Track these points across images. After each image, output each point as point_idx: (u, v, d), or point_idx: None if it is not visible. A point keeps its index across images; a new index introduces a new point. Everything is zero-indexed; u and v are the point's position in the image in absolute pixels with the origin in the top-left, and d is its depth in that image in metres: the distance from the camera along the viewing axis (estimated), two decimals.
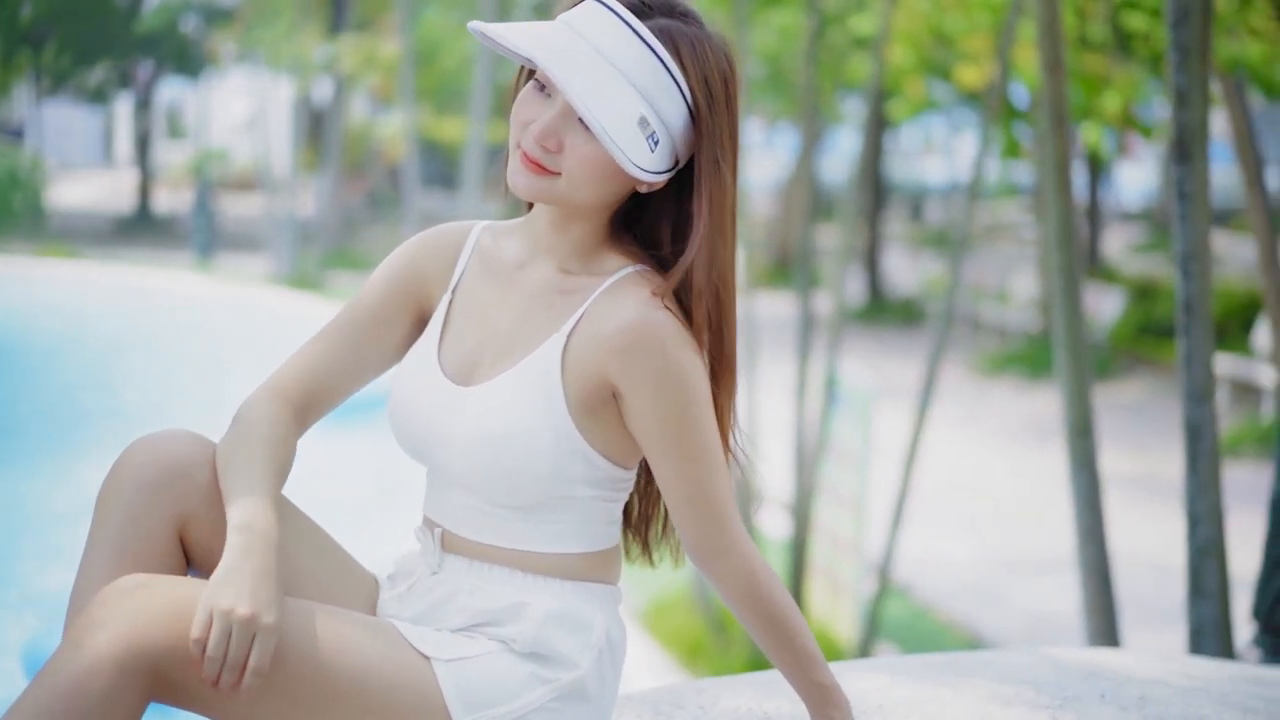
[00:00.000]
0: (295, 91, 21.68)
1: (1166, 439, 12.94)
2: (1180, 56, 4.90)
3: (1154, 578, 8.92)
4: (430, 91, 23.01)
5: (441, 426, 2.07)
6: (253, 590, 1.89)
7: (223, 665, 1.85)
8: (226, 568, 1.90)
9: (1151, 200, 30.19)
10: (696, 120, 2.02)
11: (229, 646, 1.86)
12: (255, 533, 1.93)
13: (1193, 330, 5.09)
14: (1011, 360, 16.78)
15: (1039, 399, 15.23)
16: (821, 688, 2.10)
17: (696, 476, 2.03)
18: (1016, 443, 13.36)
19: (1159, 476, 11.56)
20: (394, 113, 24.26)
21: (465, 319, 2.14)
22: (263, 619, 1.88)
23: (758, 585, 2.06)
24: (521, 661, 2.02)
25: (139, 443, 2.05)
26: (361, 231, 25.96)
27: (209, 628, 1.86)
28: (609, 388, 2.02)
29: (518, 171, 2.03)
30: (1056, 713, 2.40)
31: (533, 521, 2.06)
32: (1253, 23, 10.52)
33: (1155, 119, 15.01)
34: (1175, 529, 9.76)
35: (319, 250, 21.72)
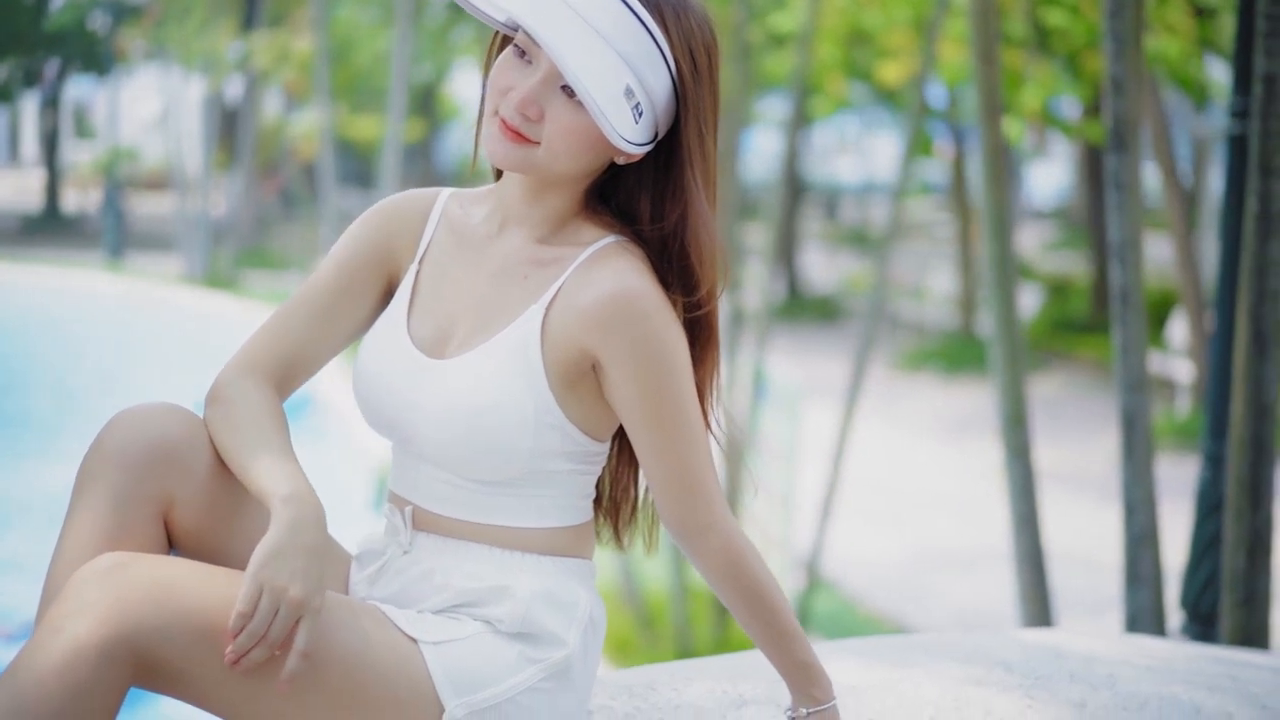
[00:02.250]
0: (207, 89, 21.41)
1: (1084, 433, 13.10)
2: (1117, 46, 4.92)
3: (1079, 569, 8.99)
4: (344, 89, 22.82)
5: (413, 399, 2.02)
6: (305, 570, 1.83)
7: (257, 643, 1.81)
8: (277, 542, 1.83)
9: (1064, 199, 30.53)
10: (680, 91, 1.98)
11: (271, 624, 1.81)
12: (306, 506, 1.87)
13: (1128, 319, 5.11)
14: (930, 357, 16.90)
15: (958, 395, 15.34)
16: (803, 666, 2.06)
17: (677, 450, 1.99)
18: (937, 438, 13.44)
19: (1079, 471, 11.67)
20: (306, 111, 24.04)
21: (434, 289, 2.09)
22: (313, 602, 1.83)
23: (740, 563, 2.03)
24: (509, 642, 1.97)
25: (124, 418, 1.97)
26: (275, 230, 25.71)
27: (256, 602, 1.80)
28: (589, 359, 1.98)
29: (495, 139, 1.98)
30: (1029, 691, 2.38)
31: (509, 496, 2.01)
32: (1170, 19, 10.66)
33: (1067, 117, 15.14)
34: (1098, 521, 9.88)
35: (232, 249, 21.48)
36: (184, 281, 20.51)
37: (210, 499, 1.98)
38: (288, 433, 1.99)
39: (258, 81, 22.21)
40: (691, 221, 1.99)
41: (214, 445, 2.00)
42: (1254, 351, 4.38)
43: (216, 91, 21.53)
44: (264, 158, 24.64)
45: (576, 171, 2.01)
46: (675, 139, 2.00)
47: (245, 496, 2.01)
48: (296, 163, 22.87)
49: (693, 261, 2.00)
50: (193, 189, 21.66)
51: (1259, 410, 4.39)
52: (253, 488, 1.92)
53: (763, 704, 2.27)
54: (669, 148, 2.01)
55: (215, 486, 1.98)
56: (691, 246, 2.00)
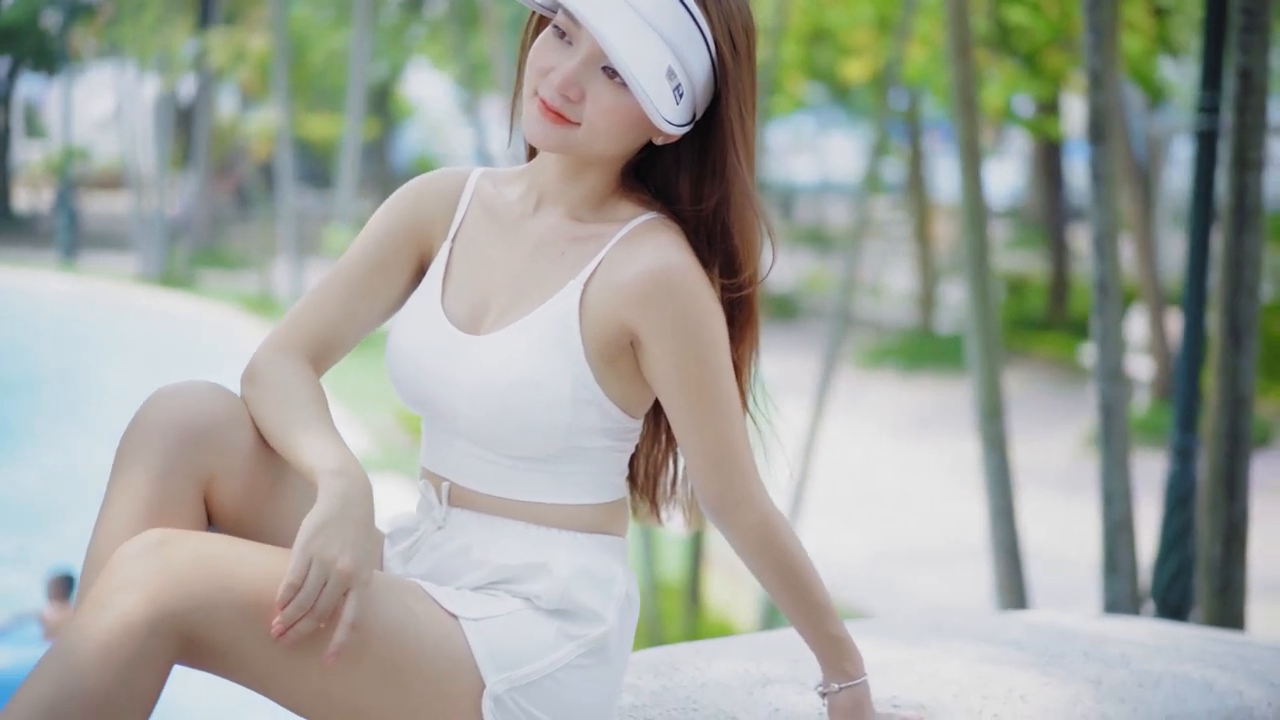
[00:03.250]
0: (161, 87, 21.27)
1: (1043, 429, 13.18)
2: (1095, 39, 4.96)
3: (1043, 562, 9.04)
4: (298, 88, 22.73)
5: (449, 375, 2.01)
6: (355, 543, 1.83)
7: (304, 615, 1.80)
8: (326, 514, 1.83)
9: (1018, 198, 30.71)
10: (720, 72, 1.98)
11: (319, 596, 1.80)
12: (354, 480, 1.87)
13: (1106, 309, 5.16)
14: (888, 354, 16.97)
15: (918, 392, 15.42)
16: (836, 641, 2.07)
17: (714, 425, 1.99)
18: (899, 435, 13.50)
19: (1039, 466, 11.73)
20: (261, 109, 23.93)
21: (468, 266, 2.08)
22: (361, 574, 1.83)
23: (775, 537, 2.03)
24: (548, 619, 1.97)
25: (163, 395, 1.96)
26: (230, 230, 25.56)
27: (306, 574, 1.80)
28: (628, 335, 1.98)
29: (535, 119, 1.98)
30: (1046, 669, 2.40)
31: (545, 473, 2.01)
32: (1130, 17, 10.75)
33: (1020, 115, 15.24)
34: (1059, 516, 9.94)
35: (188, 249, 21.35)
36: (140, 281, 20.37)
37: (249, 476, 1.97)
38: (328, 408, 1.99)
39: (212, 80, 22.09)
40: (735, 201, 2.00)
41: (253, 422, 1.99)
42: (1230, 344, 4.43)
43: (171, 90, 21.39)
44: (218, 156, 24.50)
45: (616, 152, 2.01)
46: (715, 119, 2.00)
47: (284, 474, 2.01)
48: (251, 161, 22.73)
49: (735, 242, 2.01)
50: (147, 188, 21.51)
51: (1235, 402, 4.43)
52: (299, 463, 1.92)
53: (786, 682, 2.28)
54: (707, 128, 2.01)
55: (255, 463, 1.98)
56: (735, 227, 2.00)
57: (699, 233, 2.01)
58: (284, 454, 1.95)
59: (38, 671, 1.75)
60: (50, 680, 1.73)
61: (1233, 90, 4.34)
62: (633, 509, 2.15)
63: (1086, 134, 5.04)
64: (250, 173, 22.29)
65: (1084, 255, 21.81)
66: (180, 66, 21.22)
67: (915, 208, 18.81)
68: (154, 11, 20.54)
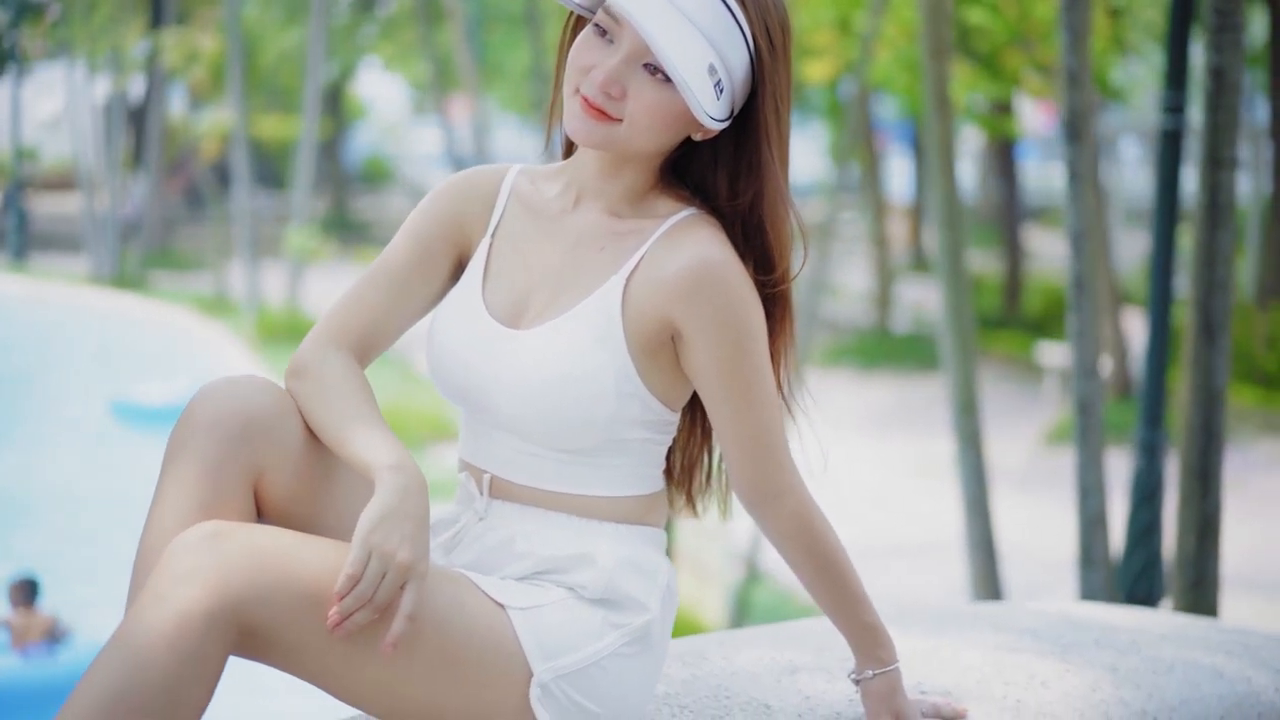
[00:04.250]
0: (113, 88, 21.10)
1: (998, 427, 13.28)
2: (1072, 38, 5.03)
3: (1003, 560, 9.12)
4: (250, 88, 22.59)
5: (492, 369, 2.04)
6: (413, 536, 1.85)
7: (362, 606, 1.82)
8: (385, 507, 1.85)
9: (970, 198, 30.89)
10: (758, 68, 2.01)
11: (378, 588, 1.82)
12: (411, 475, 1.89)
13: (1083, 306, 5.23)
14: (845, 353, 17.06)
15: (876, 390, 15.50)
16: (870, 628, 2.11)
17: (753, 417, 2.03)
18: (858, 433, 13.57)
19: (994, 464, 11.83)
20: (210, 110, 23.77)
21: (508, 262, 2.11)
22: (419, 567, 1.85)
23: (812, 528, 2.07)
24: (592, 608, 2.00)
25: (213, 389, 1.98)
26: (181, 230, 25.39)
27: (365, 566, 1.82)
28: (670, 329, 2.01)
29: (577, 117, 2.00)
30: (1063, 656, 2.44)
31: (587, 465, 2.04)
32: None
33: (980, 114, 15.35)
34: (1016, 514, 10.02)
35: (139, 250, 21.20)
36: (92, 282, 20.21)
37: (298, 470, 1.99)
38: (376, 402, 2.01)
39: (164, 80, 21.94)
40: (769, 198, 2.03)
41: (301, 417, 2.00)
42: (1203, 340, 4.48)
43: (122, 90, 21.24)
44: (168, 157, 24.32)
45: (656, 148, 2.03)
46: (752, 115, 2.03)
47: (332, 468, 2.03)
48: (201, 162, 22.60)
49: (769, 238, 2.04)
50: (99, 188, 21.35)
51: (1209, 397, 4.48)
52: (352, 458, 1.94)
53: (813, 670, 2.31)
54: (744, 124, 2.04)
55: (303, 457, 1.99)
56: (768, 223, 2.03)
57: (735, 228, 2.05)
58: (336, 449, 1.96)
59: (98, 663, 1.76)
60: (112, 672, 1.74)
61: (1206, 89, 4.39)
62: (670, 502, 2.18)
63: (1063, 133, 5.11)
64: (202, 173, 22.14)
65: (1038, 255, 22.04)
66: (132, 66, 21.06)
67: (871, 208, 18.90)
68: (105, 11, 20.39)
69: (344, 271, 18.46)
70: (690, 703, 2.17)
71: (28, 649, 6.75)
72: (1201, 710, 2.42)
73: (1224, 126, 4.38)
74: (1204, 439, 4.51)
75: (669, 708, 2.14)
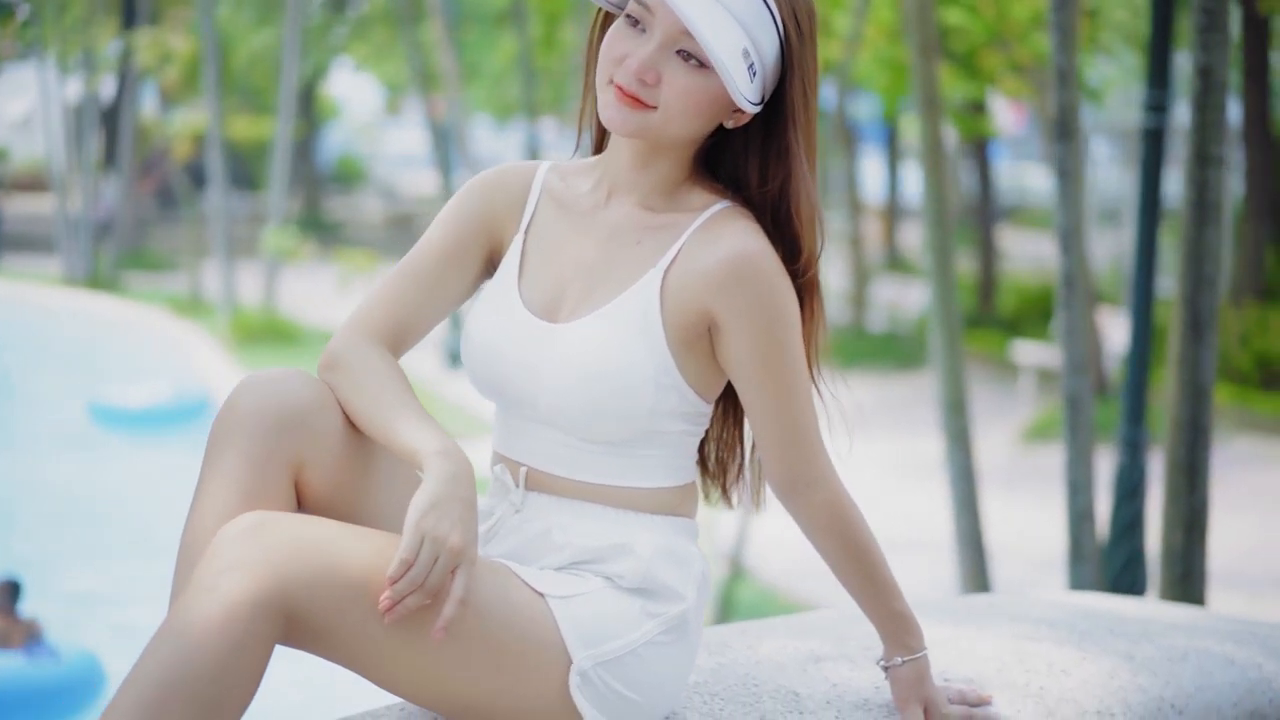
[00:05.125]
0: (86, 88, 21.02)
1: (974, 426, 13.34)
2: (1061, 38, 5.08)
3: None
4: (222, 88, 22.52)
5: (531, 362, 2.06)
6: (464, 520, 1.87)
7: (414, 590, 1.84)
8: (436, 493, 1.88)
9: None
10: (787, 53, 2.05)
11: (430, 572, 1.85)
12: (458, 461, 1.91)
13: (1072, 304, 5.27)
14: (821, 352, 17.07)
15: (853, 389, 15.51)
16: (899, 616, 2.14)
17: (788, 407, 2.06)
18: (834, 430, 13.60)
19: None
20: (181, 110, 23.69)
21: (542, 257, 2.13)
22: (469, 551, 1.88)
23: (845, 517, 2.10)
24: (630, 597, 2.02)
25: (253, 382, 2.00)
26: (152, 231, 25.29)
27: (418, 551, 1.84)
28: (707, 320, 2.04)
29: (612, 106, 2.03)
30: (1080, 645, 2.48)
31: (624, 456, 2.06)
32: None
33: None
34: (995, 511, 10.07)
35: (112, 250, 21.13)
36: (66, 283, 20.14)
37: (338, 461, 2.01)
38: (413, 391, 2.03)
39: (135, 80, 21.86)
40: (795, 183, 2.06)
41: (340, 408, 2.02)
42: (1190, 336, 4.52)
43: (94, 90, 21.16)
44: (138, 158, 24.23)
45: (690, 135, 2.06)
46: (781, 101, 2.06)
47: (371, 459, 2.05)
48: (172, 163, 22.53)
49: (797, 226, 2.07)
50: (71, 189, 21.26)
51: (1196, 393, 4.52)
52: (397, 446, 1.96)
53: (836, 659, 2.34)
54: (773, 110, 2.07)
55: (343, 449, 2.02)
56: (795, 208, 2.06)
57: (765, 217, 2.08)
58: (379, 437, 1.99)
59: (148, 653, 1.78)
60: (161, 661, 1.76)
61: (1194, 88, 4.43)
62: (704, 494, 2.21)
63: (1053, 131, 5.16)
64: (175, 174, 22.08)
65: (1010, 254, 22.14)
66: (105, 67, 20.99)
67: (847, 208, 18.96)
68: (76, 12, 20.32)
69: (320, 272, 18.44)
70: (720, 690, 2.20)
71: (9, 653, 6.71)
72: (1215, 697, 2.46)
73: (1211, 125, 4.42)
74: (1191, 434, 4.55)
75: (700, 696, 2.17)
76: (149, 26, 20.08)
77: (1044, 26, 11.10)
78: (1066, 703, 2.28)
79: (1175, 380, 4.55)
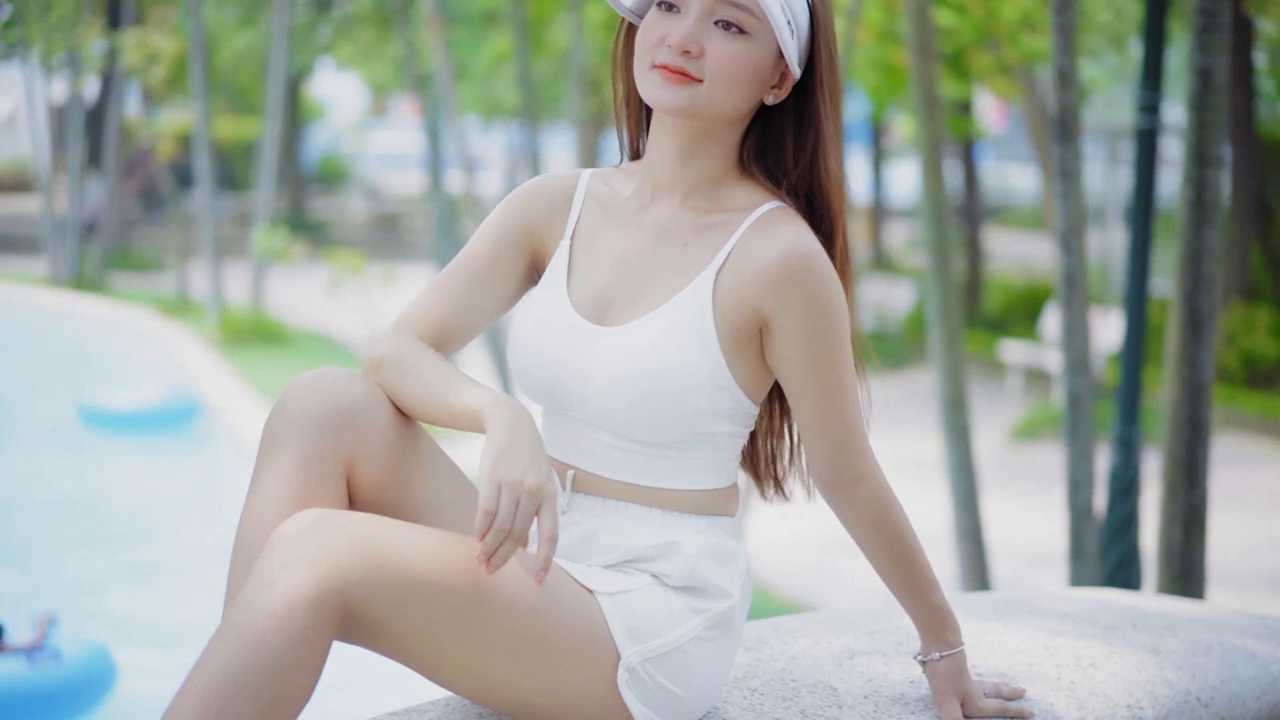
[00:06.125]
0: (71, 88, 20.96)
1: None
2: (1063, 40, 5.11)
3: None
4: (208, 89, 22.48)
5: (583, 366, 2.09)
6: (534, 461, 1.92)
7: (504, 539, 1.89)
8: (500, 443, 1.92)
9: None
10: (814, 21, 2.09)
11: (514, 518, 1.89)
12: (514, 408, 1.96)
13: (1073, 303, 5.32)
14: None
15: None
16: (938, 611, 2.18)
17: (837, 405, 2.09)
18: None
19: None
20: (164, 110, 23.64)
21: (589, 262, 2.16)
22: (546, 489, 1.92)
23: (887, 513, 2.13)
24: (676, 594, 2.06)
25: (304, 382, 2.04)
26: (136, 231, 25.23)
27: (498, 500, 1.89)
28: (759, 321, 2.07)
29: (659, 86, 2.06)
30: (1105, 639, 2.52)
31: (673, 459, 2.09)
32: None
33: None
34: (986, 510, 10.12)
35: (98, 251, 21.07)
36: (52, 284, 20.08)
37: (388, 459, 2.04)
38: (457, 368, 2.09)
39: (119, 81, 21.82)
40: (824, 147, 2.10)
41: (390, 407, 2.06)
42: (1189, 335, 4.57)
43: (79, 91, 21.12)
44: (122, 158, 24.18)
45: (736, 107, 2.08)
46: (810, 71, 2.11)
47: (420, 455, 2.08)
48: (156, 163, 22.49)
49: (832, 208, 2.11)
50: (56, 190, 21.20)
51: (1195, 391, 4.57)
52: (455, 414, 2.01)
53: (870, 654, 2.38)
54: (803, 83, 2.12)
55: (394, 447, 2.05)
56: (827, 186, 2.11)
57: (801, 199, 2.12)
58: (436, 415, 2.03)
59: (212, 647, 1.81)
60: (225, 655, 1.79)
61: (1193, 90, 4.47)
62: (760, 491, 2.24)
63: (1054, 133, 5.20)
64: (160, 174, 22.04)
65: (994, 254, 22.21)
66: (90, 67, 20.93)
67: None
68: (60, 11, 20.27)
69: (307, 273, 18.42)
70: (759, 685, 2.23)
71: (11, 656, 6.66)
72: (1239, 690, 2.50)
73: (1211, 125, 4.47)
74: (1190, 432, 4.60)
75: (740, 690, 2.20)
76: (135, 27, 20.05)
77: (1032, 27, 11.16)
78: (1097, 696, 2.31)
79: (1174, 378, 4.59)
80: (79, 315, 17.75)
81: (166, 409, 11.51)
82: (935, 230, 6.04)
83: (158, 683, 6.40)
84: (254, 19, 22.18)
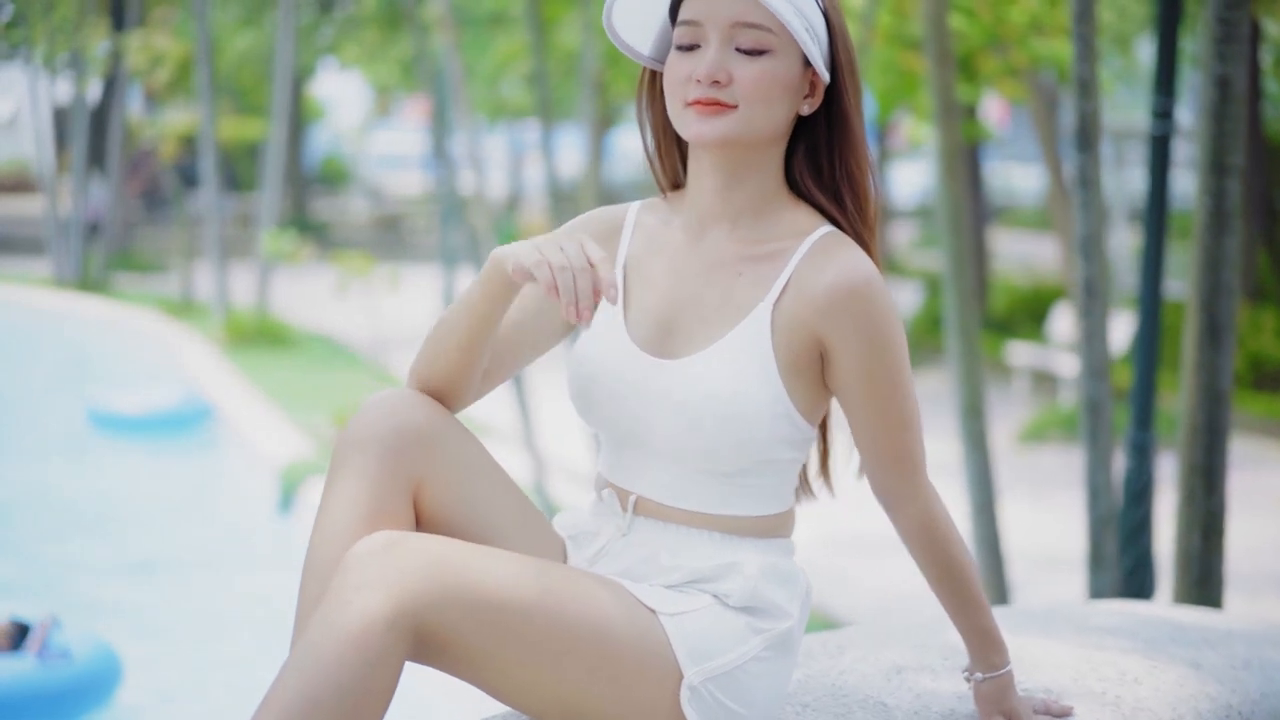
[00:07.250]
0: (75, 89, 20.97)
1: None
2: (1083, 48, 5.13)
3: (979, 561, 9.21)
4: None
5: (647, 400, 2.11)
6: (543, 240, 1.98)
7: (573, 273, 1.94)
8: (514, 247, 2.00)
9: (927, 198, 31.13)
10: (831, 30, 2.12)
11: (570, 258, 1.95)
12: (501, 249, 2.03)
13: (1092, 309, 5.33)
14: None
15: None
16: (985, 633, 2.20)
17: (896, 428, 2.11)
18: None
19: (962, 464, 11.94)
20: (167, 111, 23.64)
21: (642, 295, 2.19)
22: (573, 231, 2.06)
23: (938, 533, 2.15)
24: (737, 614, 2.08)
25: (374, 404, 2.07)
26: (139, 232, 25.24)
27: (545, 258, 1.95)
28: (819, 347, 2.09)
29: (695, 121, 2.08)
30: (1146, 654, 2.54)
31: (735, 485, 2.12)
32: (1061, 19, 11.00)
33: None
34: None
35: (101, 252, 21.09)
36: (56, 285, 20.09)
37: (454, 480, 2.07)
38: None
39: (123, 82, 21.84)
40: (854, 155, 2.14)
41: (457, 427, 2.09)
42: (1208, 341, 4.58)
43: (83, 92, 21.13)
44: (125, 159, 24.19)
45: (776, 123, 2.10)
46: (834, 77, 2.13)
47: (485, 478, 2.11)
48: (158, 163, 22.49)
49: (867, 213, 2.15)
50: (59, 191, 21.21)
51: (1213, 397, 4.59)
52: (477, 296, 2.07)
53: (918, 670, 2.40)
54: (831, 93, 2.14)
55: (459, 468, 2.07)
56: (860, 191, 2.15)
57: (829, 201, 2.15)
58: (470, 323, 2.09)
59: (289, 666, 1.83)
60: (303, 674, 1.82)
61: (1210, 98, 4.48)
62: (812, 492, 2.26)
63: (1074, 141, 5.21)
64: (164, 175, 22.05)
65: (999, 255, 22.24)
66: (95, 68, 20.94)
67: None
68: (63, 12, 20.28)
69: (312, 274, 18.43)
70: (811, 701, 2.25)
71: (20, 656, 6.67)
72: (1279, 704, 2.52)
73: (1229, 134, 4.48)
74: (1208, 437, 4.61)
75: (793, 706, 2.22)
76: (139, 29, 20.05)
77: (1041, 30, 11.17)
78: (1142, 711, 2.33)
79: (1192, 385, 4.61)
80: (82, 316, 17.77)
81: (178, 413, 11.51)
82: (954, 237, 6.06)
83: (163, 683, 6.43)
84: (256, 20, 22.18)
